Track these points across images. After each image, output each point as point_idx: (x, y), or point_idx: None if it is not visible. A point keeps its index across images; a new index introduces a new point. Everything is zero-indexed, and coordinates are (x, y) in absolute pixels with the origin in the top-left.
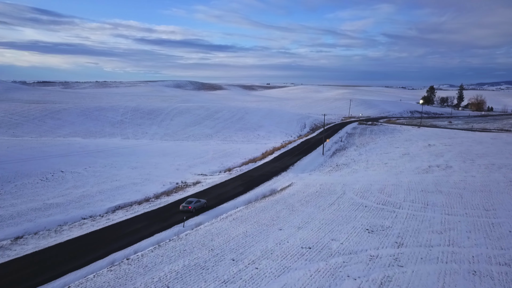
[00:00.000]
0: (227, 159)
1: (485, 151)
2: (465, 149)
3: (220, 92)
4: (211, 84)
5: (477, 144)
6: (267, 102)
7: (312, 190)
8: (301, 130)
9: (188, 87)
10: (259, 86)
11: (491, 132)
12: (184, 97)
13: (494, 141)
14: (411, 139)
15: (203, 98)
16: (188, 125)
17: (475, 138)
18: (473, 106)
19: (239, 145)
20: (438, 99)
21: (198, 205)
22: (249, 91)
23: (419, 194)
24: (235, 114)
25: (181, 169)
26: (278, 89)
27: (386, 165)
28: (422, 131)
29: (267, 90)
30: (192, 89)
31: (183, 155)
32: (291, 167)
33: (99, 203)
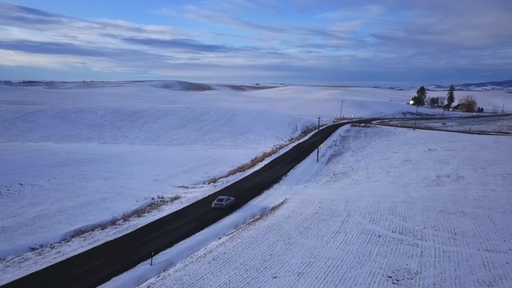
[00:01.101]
0: (212, 167)
1: (493, 158)
2: (471, 154)
3: (209, 93)
4: (200, 84)
5: (481, 148)
6: (257, 103)
7: (311, 210)
8: (293, 133)
9: (176, 87)
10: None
11: (490, 134)
12: (171, 97)
13: (497, 145)
14: (408, 142)
15: (191, 98)
16: (172, 128)
17: (477, 142)
18: (463, 107)
19: (226, 150)
20: (428, 100)
21: (229, 203)
22: (239, 92)
23: (440, 216)
24: (223, 116)
25: (160, 180)
26: (268, 90)
27: (388, 174)
28: (419, 134)
29: (256, 90)
30: (180, 89)
31: (164, 162)
32: (283, 177)
33: (56, 226)
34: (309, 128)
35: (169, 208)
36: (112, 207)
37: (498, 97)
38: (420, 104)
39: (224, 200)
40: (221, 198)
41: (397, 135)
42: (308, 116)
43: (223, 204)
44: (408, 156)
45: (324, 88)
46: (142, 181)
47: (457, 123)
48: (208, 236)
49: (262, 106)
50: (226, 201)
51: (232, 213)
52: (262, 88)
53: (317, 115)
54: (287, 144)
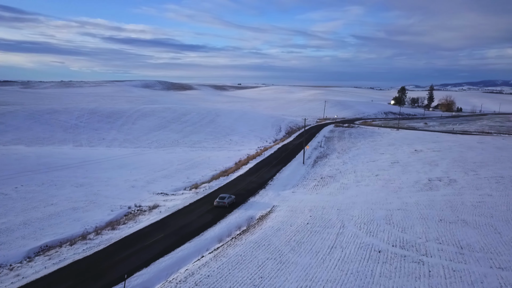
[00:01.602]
0: (194, 172)
1: (481, 159)
2: (458, 156)
3: (190, 92)
4: (181, 84)
5: (467, 149)
6: (240, 103)
7: (301, 220)
8: (277, 134)
9: (157, 87)
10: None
11: (473, 135)
12: (151, 97)
13: (483, 146)
14: (394, 143)
15: (172, 98)
16: (152, 130)
17: (462, 142)
18: (443, 106)
19: (209, 153)
20: (409, 99)
21: (230, 201)
22: (221, 92)
23: (440, 226)
24: (205, 117)
25: (138, 187)
26: (250, 90)
27: (378, 177)
28: (403, 134)
29: (239, 90)
30: (161, 89)
31: (143, 166)
32: (270, 182)
33: (19, 242)
34: (293, 129)
35: (147, 218)
36: (84, 218)
37: (476, 97)
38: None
39: (226, 198)
40: (223, 196)
41: (382, 135)
42: (291, 116)
43: (225, 202)
44: (396, 158)
45: (306, 88)
46: (118, 188)
47: (438, 123)
48: (190, 252)
49: (245, 106)
50: (227, 199)
51: (216, 223)
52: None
53: (300, 116)
54: (272, 146)
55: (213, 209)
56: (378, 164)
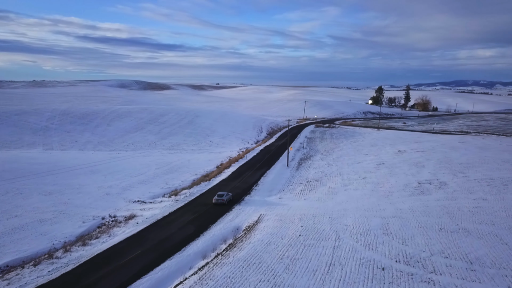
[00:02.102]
0: (173, 176)
1: (466, 160)
2: (443, 156)
3: (168, 92)
4: (159, 84)
5: (450, 150)
6: (219, 103)
7: (292, 231)
8: (258, 135)
9: (133, 87)
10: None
11: (453, 134)
12: (127, 97)
13: (465, 146)
14: (376, 143)
15: (149, 98)
16: (128, 131)
17: (443, 142)
18: (419, 106)
19: (188, 156)
20: (386, 99)
21: (228, 198)
22: (199, 91)
23: (442, 237)
24: (183, 117)
25: (112, 194)
26: (229, 89)
27: (365, 181)
28: (384, 134)
29: (217, 90)
30: (138, 89)
31: (118, 171)
32: (254, 187)
33: None
34: (274, 130)
35: (123, 231)
36: (52, 231)
37: (449, 97)
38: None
39: (224, 196)
40: (221, 193)
41: (363, 135)
42: (272, 116)
43: (224, 199)
44: (380, 159)
45: (285, 88)
46: (91, 196)
47: (416, 122)
48: (171, 271)
49: (224, 106)
50: (225, 196)
51: (199, 236)
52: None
53: (280, 116)
54: (254, 147)
55: (195, 219)
56: (363, 166)
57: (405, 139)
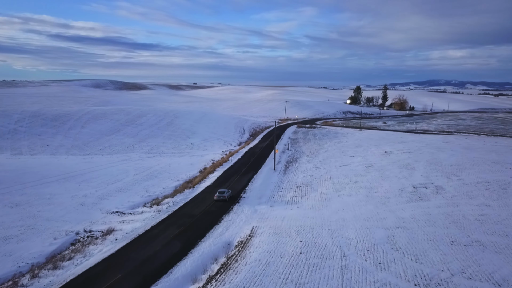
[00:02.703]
0: (153, 183)
1: (456, 161)
2: (431, 158)
3: (144, 92)
4: (135, 84)
5: (436, 150)
6: (198, 103)
7: (292, 248)
8: (241, 136)
9: (108, 87)
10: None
11: (434, 134)
12: (102, 98)
13: (451, 147)
14: (361, 144)
15: (125, 98)
16: (103, 134)
17: (428, 143)
18: (396, 105)
19: (169, 159)
20: (364, 99)
21: (229, 195)
22: (176, 91)
23: (457, 251)
24: (162, 119)
25: (88, 204)
26: (207, 89)
27: (358, 185)
28: (367, 134)
29: (195, 90)
30: (113, 89)
31: (94, 177)
32: (242, 194)
33: None
34: (256, 131)
35: (100, 250)
36: (18, 251)
37: (425, 96)
38: (357, 103)
39: (225, 193)
40: (222, 191)
41: (346, 136)
42: (253, 117)
43: (225, 196)
44: (368, 161)
45: (263, 88)
46: (64, 207)
47: (396, 122)
48: None
49: (204, 106)
50: (226, 193)
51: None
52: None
53: (261, 116)
54: (238, 150)
55: (181, 234)
56: (352, 169)
57: (389, 139)
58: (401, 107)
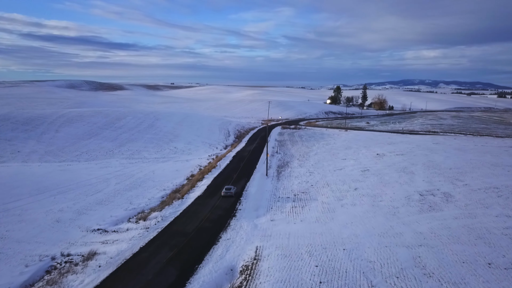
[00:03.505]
0: (138, 193)
1: (453, 164)
2: (426, 160)
3: (121, 93)
4: (111, 84)
5: (429, 152)
6: (177, 104)
7: (308, 276)
8: (226, 139)
9: (83, 88)
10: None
11: (421, 134)
12: (77, 99)
13: (443, 148)
14: (350, 146)
15: (102, 99)
16: (80, 138)
17: (418, 144)
18: (376, 105)
19: (152, 166)
20: (344, 99)
21: (235, 191)
22: (154, 92)
23: (501, 278)
24: (143, 121)
25: (65, 220)
26: (186, 89)
27: (358, 192)
28: (353, 136)
29: (173, 90)
30: (89, 89)
31: (71, 188)
32: (238, 205)
33: None
34: (241, 132)
35: (81, 282)
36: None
37: (402, 96)
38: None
39: (232, 189)
40: (229, 187)
41: (332, 137)
42: (235, 118)
43: (232, 192)
44: (362, 164)
45: (243, 88)
46: (37, 225)
47: (379, 121)
48: None
49: (184, 107)
50: (233, 189)
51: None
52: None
53: (243, 117)
54: (225, 154)
55: (175, 257)
56: (347, 173)
57: (377, 140)
58: (381, 106)
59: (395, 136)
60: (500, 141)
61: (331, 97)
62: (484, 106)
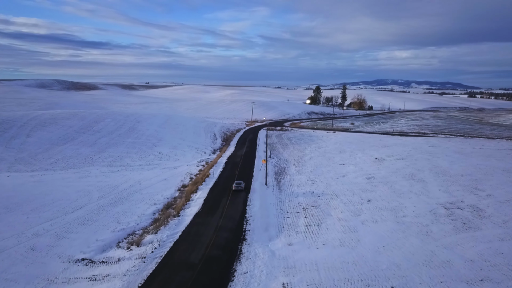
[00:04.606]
0: (125, 209)
1: (462, 170)
2: (431, 165)
3: (95, 92)
4: (84, 84)
5: (430, 156)
6: (156, 104)
7: None
8: (213, 142)
9: (55, 87)
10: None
11: (411, 136)
12: (49, 99)
13: (442, 151)
14: (343, 149)
15: (75, 100)
16: (54, 143)
17: (414, 147)
18: (355, 105)
19: (137, 174)
20: (323, 99)
21: (244, 185)
22: (130, 91)
23: None
24: (123, 124)
25: (41, 248)
26: (162, 89)
27: (373, 205)
28: (342, 138)
29: (149, 90)
30: (61, 89)
31: (46, 204)
32: (245, 225)
33: None
34: (227, 135)
35: None
36: None
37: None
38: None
39: (242, 184)
40: (239, 182)
41: (322, 139)
42: (217, 119)
43: (242, 186)
44: (364, 170)
45: (221, 88)
46: (7, 255)
47: (362, 122)
48: None
49: (163, 108)
50: (242, 184)
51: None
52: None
53: (226, 118)
54: (216, 160)
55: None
56: (352, 181)
57: (369, 142)
58: (360, 106)
59: (386, 138)
60: (496, 143)
61: (311, 97)
62: (459, 106)
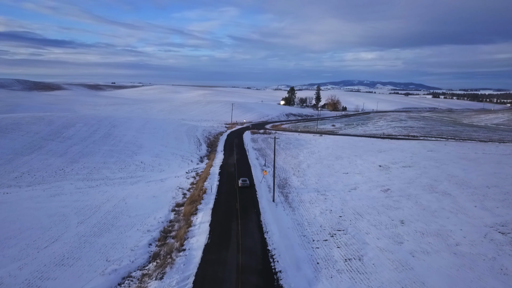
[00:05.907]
0: (113, 239)
1: (483, 180)
2: (445, 174)
3: (60, 93)
4: (47, 84)
5: (438, 163)
6: (127, 105)
7: None
8: (198, 148)
9: (15, 87)
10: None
11: (401, 139)
12: (10, 100)
13: (445, 157)
14: (339, 155)
15: (38, 101)
16: (18, 153)
17: (413, 152)
18: (330, 106)
19: (119, 190)
20: (298, 100)
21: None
22: (97, 92)
23: None
24: (97, 129)
25: None
26: (130, 89)
27: (409, 228)
28: (332, 142)
29: (117, 90)
30: (22, 89)
31: (12, 236)
32: (272, 264)
33: None
34: (211, 140)
35: None
36: None
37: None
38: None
39: (247, 180)
40: (244, 179)
41: (311, 143)
42: (194, 121)
43: (248, 183)
44: (374, 181)
45: (191, 88)
46: None
47: (342, 123)
48: None
49: (135, 110)
50: (247, 181)
51: None
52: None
53: (204, 120)
54: (208, 170)
55: None
56: (367, 195)
57: (362, 147)
58: (334, 107)
59: (377, 142)
60: (495, 148)
61: (285, 98)
62: (428, 107)
